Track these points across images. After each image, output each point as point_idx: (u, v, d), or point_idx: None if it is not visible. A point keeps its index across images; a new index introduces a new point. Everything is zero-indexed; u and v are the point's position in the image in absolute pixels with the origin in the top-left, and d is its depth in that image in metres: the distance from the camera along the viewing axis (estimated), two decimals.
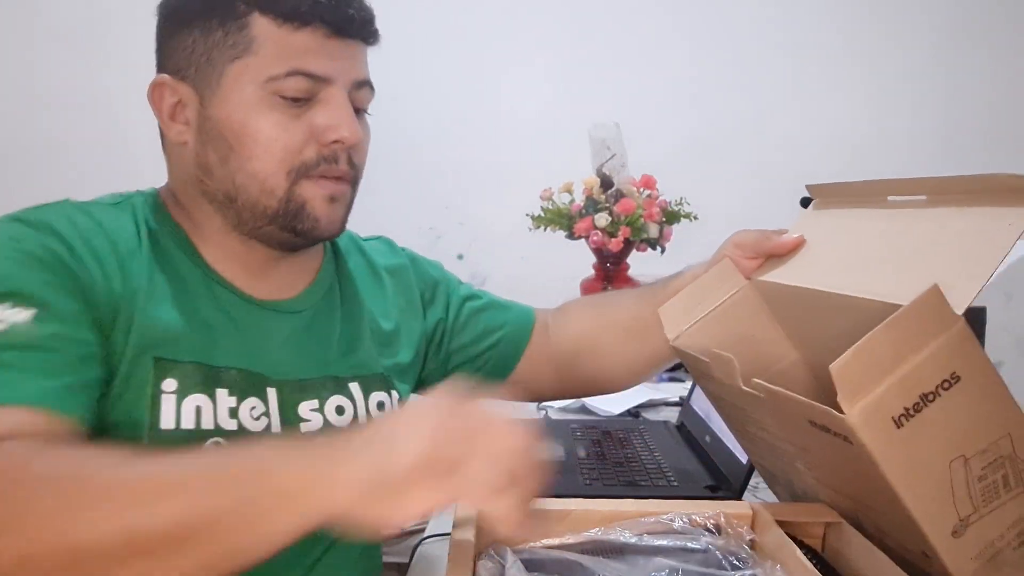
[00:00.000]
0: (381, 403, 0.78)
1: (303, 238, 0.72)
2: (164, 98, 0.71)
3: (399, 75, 1.93)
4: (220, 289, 0.72)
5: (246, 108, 0.68)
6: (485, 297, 0.92)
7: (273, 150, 0.68)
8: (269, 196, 0.69)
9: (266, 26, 0.67)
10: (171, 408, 0.66)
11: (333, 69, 0.69)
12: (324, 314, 0.79)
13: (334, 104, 0.69)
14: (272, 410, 0.71)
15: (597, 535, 0.55)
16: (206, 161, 0.70)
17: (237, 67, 0.68)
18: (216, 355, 0.69)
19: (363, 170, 0.76)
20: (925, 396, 0.49)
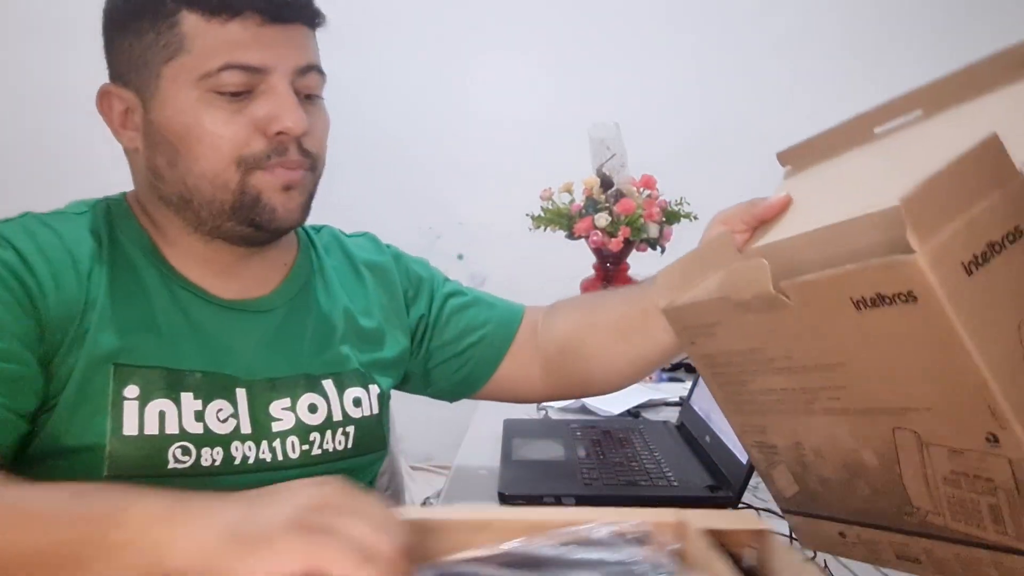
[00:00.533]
0: (357, 399, 0.77)
1: (264, 231, 0.71)
2: (113, 106, 0.70)
3: (399, 75, 1.93)
4: (184, 292, 0.72)
5: (186, 109, 0.66)
6: (470, 295, 0.90)
7: (219, 147, 0.67)
8: (223, 191, 0.68)
9: (195, 22, 0.65)
10: (133, 414, 0.66)
11: (270, 58, 0.67)
12: (297, 311, 0.78)
13: (275, 94, 0.67)
14: (241, 411, 0.70)
15: (516, 547, 0.52)
16: (156, 166, 0.70)
17: (172, 68, 0.66)
18: (179, 359, 0.69)
19: (323, 156, 0.74)
20: (992, 245, 0.44)
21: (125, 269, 0.70)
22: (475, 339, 0.87)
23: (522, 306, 0.92)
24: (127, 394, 0.66)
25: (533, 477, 0.95)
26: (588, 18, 1.92)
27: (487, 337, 0.87)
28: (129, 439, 0.65)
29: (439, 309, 0.88)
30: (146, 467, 0.66)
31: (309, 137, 0.70)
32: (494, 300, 0.91)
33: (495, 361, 0.87)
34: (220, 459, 0.69)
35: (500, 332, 0.88)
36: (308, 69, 0.70)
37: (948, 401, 0.47)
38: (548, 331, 0.88)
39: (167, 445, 0.67)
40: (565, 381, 0.88)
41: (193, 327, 0.71)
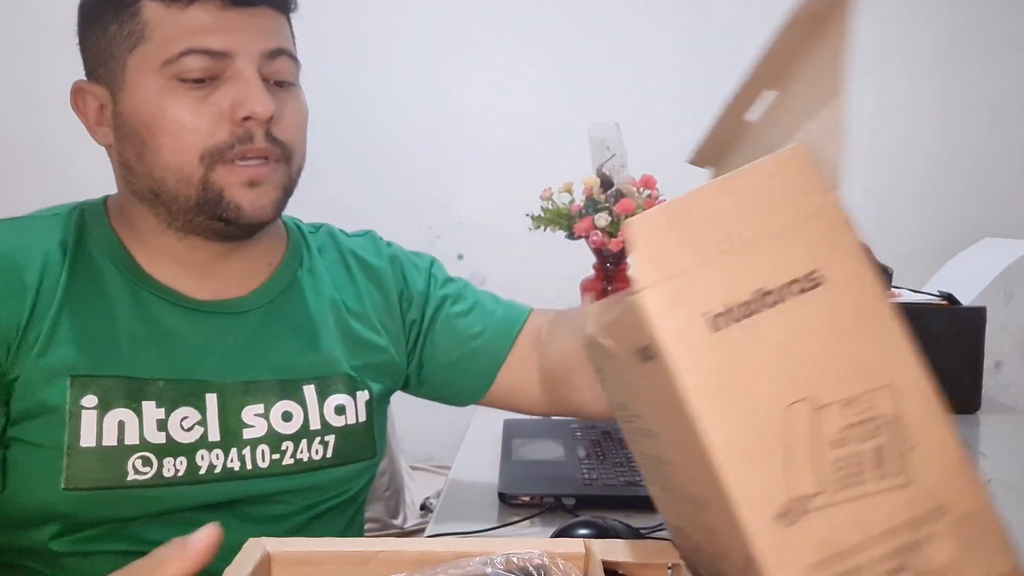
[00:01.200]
0: (341, 407, 0.75)
1: (234, 226, 0.69)
2: (88, 104, 0.70)
3: (399, 74, 1.93)
4: (151, 297, 0.70)
5: (150, 98, 0.65)
6: (470, 300, 0.87)
7: (182, 136, 0.65)
8: (187, 185, 0.66)
9: (155, 9, 0.64)
10: (91, 425, 0.64)
11: (233, 42, 0.65)
12: (278, 313, 0.76)
13: (240, 79, 0.65)
14: (210, 417, 0.69)
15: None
16: (126, 159, 0.69)
17: (136, 57, 0.65)
18: (140, 367, 0.68)
19: (298, 146, 0.71)
20: (764, 295, 0.33)
21: (87, 278, 0.69)
22: (468, 350, 0.84)
23: (525, 312, 0.88)
24: (85, 403, 0.65)
25: (533, 477, 0.95)
26: (588, 18, 1.91)
27: (481, 349, 0.84)
28: (86, 451, 0.64)
29: (432, 316, 0.85)
30: (104, 479, 0.65)
31: (279, 124, 0.68)
32: (495, 306, 0.88)
33: (490, 374, 0.85)
34: (184, 469, 0.67)
35: (495, 344, 0.85)
36: (277, 53, 0.68)
37: (704, 509, 0.36)
38: (546, 351, 0.85)
39: (127, 456, 0.65)
40: (561, 406, 0.85)
41: (158, 333, 0.69)
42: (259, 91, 0.65)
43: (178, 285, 0.72)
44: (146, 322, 0.70)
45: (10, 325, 0.65)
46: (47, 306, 0.66)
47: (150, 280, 0.71)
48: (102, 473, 0.65)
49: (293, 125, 0.71)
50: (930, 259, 1.60)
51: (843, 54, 0.39)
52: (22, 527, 0.67)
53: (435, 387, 0.87)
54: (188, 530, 0.67)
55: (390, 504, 1.50)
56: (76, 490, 0.64)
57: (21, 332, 0.65)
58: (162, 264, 0.72)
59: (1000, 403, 1.32)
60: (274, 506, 0.73)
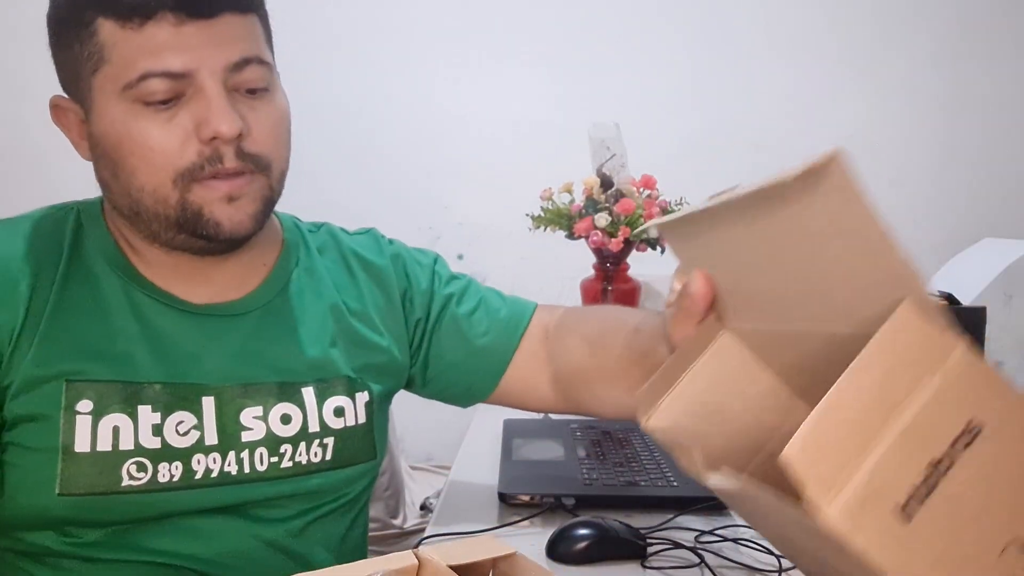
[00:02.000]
0: (340, 409, 0.75)
1: (215, 243, 0.68)
2: (69, 119, 0.68)
3: (399, 75, 1.93)
4: (147, 300, 0.69)
5: (116, 121, 0.63)
6: (475, 298, 0.86)
7: (151, 159, 0.63)
8: (164, 205, 0.65)
9: (111, 29, 0.62)
10: (86, 429, 0.64)
11: (192, 60, 0.62)
12: (275, 315, 0.75)
13: (203, 98, 0.63)
14: (207, 421, 0.68)
15: None
16: (103, 178, 0.68)
17: (99, 79, 0.63)
18: (136, 371, 0.67)
19: (274, 154, 0.68)
20: (936, 464, 0.32)
21: (82, 281, 0.68)
22: (474, 349, 0.83)
23: (530, 309, 0.87)
24: (80, 409, 0.64)
25: (533, 477, 0.95)
26: (588, 19, 1.91)
27: (487, 347, 0.84)
28: (81, 456, 0.64)
29: (438, 315, 0.84)
30: (99, 485, 0.64)
31: (249, 138, 0.66)
32: (500, 303, 0.87)
33: (498, 372, 0.84)
34: (179, 474, 0.66)
35: (502, 342, 0.84)
36: (243, 64, 0.64)
37: None
38: (558, 355, 0.83)
39: (121, 462, 0.65)
40: (573, 406, 0.85)
41: (154, 336, 0.69)
42: (223, 109, 0.62)
43: (173, 289, 0.71)
44: (142, 325, 0.69)
45: (4, 330, 0.64)
46: (41, 310, 0.65)
47: (145, 283, 0.70)
48: (96, 479, 0.64)
49: (267, 134, 0.67)
50: (930, 259, 1.60)
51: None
52: (21, 531, 0.67)
53: (441, 386, 0.86)
54: (186, 535, 0.66)
55: (390, 504, 1.50)
56: (71, 495, 0.64)
57: (16, 337, 0.64)
58: (156, 269, 0.71)
59: None
60: (273, 510, 0.72)
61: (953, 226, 1.86)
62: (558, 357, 0.83)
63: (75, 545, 0.66)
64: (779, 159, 1.69)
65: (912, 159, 1.91)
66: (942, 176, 1.91)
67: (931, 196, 1.91)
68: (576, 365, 0.81)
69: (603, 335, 0.80)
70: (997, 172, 1.91)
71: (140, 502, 0.66)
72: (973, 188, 1.90)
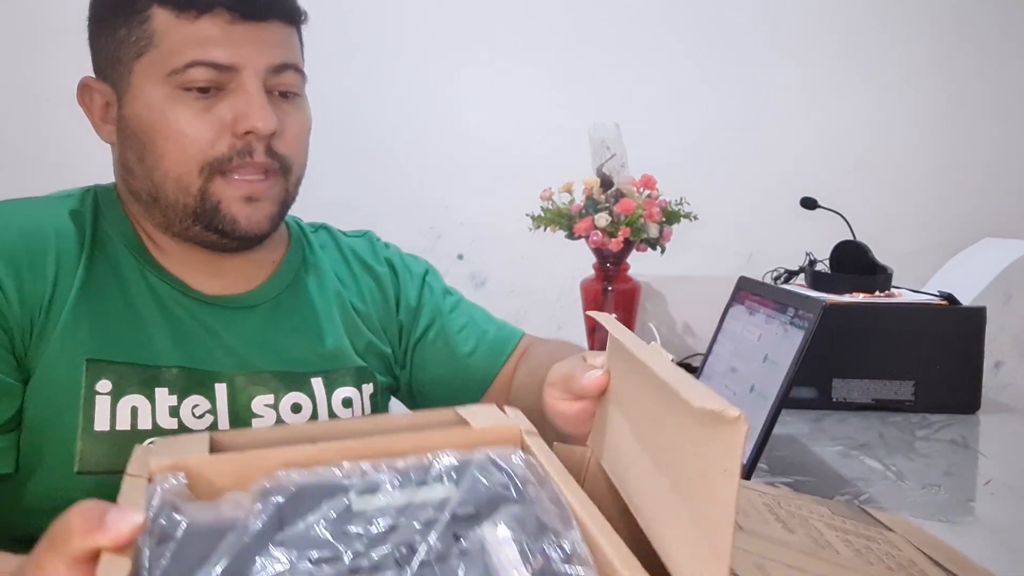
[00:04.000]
0: (348, 399, 0.76)
1: (230, 239, 0.70)
2: (94, 100, 0.70)
3: (399, 75, 1.93)
4: (164, 287, 0.71)
5: (154, 105, 0.66)
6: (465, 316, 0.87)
7: (183, 145, 0.66)
8: (185, 194, 0.67)
9: (165, 18, 0.65)
10: (105, 409, 0.65)
11: (239, 56, 0.65)
12: (284, 307, 0.77)
13: (244, 93, 0.66)
14: (220, 407, 0.70)
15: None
16: (127, 161, 0.69)
17: (142, 64, 0.66)
18: (155, 354, 0.68)
19: (298, 159, 0.72)
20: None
21: (104, 261, 0.69)
22: (459, 366, 0.85)
23: (517, 336, 0.88)
24: (99, 389, 0.65)
25: None
26: (588, 20, 1.91)
27: (472, 366, 0.85)
28: (100, 435, 0.65)
29: (425, 328, 0.86)
30: (117, 464, 0.64)
31: (280, 138, 0.69)
32: (488, 324, 0.88)
33: (479, 390, 0.86)
34: None
35: (486, 363, 0.86)
36: (283, 68, 0.68)
37: None
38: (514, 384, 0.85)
39: (139, 441, 0.65)
40: None
41: (171, 321, 0.70)
42: (262, 106, 0.66)
43: (185, 278, 0.73)
44: (160, 309, 0.70)
45: (35, 303, 0.65)
46: (68, 287, 0.66)
47: (161, 269, 0.72)
48: (115, 457, 0.65)
49: (294, 138, 0.71)
50: (930, 259, 1.60)
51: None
52: (38, 514, 0.67)
53: (424, 398, 0.87)
54: None
55: None
56: (90, 474, 0.65)
57: (45, 311, 0.65)
58: (170, 257, 0.73)
59: (1000, 403, 1.32)
60: None
61: (953, 226, 1.86)
62: (516, 388, 0.85)
63: None
64: (779, 159, 1.70)
65: (913, 159, 1.91)
66: (942, 176, 1.91)
67: (931, 196, 1.91)
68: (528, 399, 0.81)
69: (532, 377, 0.80)
70: (997, 172, 1.91)
71: None
72: (973, 188, 1.90)
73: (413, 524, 0.35)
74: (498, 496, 0.38)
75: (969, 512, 0.83)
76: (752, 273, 1.17)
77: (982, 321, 1.24)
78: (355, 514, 0.36)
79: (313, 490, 0.37)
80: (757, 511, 0.46)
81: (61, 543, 0.34)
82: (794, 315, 0.84)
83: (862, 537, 0.47)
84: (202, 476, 0.41)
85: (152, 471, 0.41)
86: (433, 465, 0.39)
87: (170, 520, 0.35)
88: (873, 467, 0.97)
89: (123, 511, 0.34)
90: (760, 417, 0.79)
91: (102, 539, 0.33)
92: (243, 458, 0.41)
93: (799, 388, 1.24)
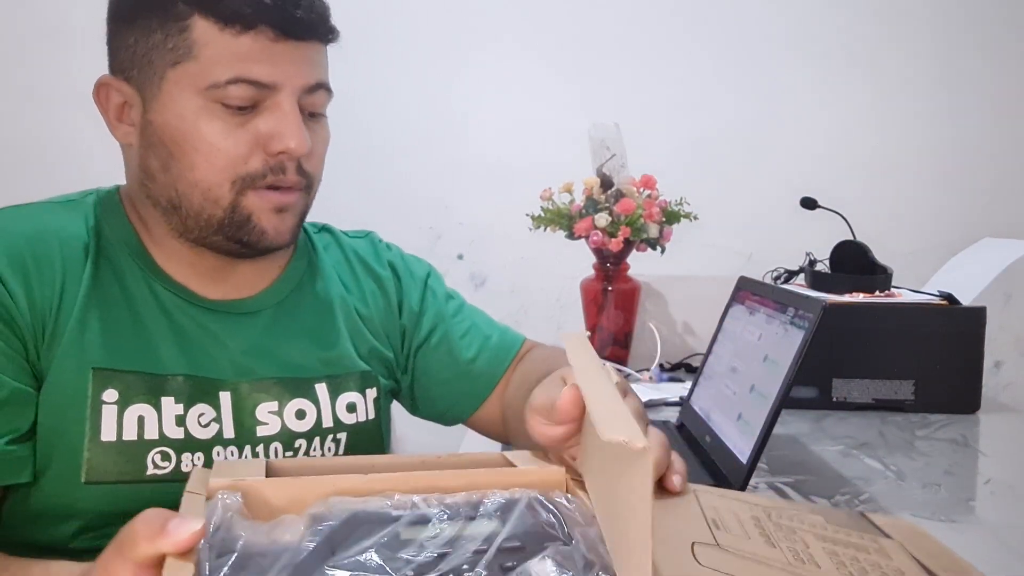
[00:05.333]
0: (352, 405, 0.76)
1: (250, 249, 0.70)
2: (110, 98, 0.69)
3: (399, 74, 1.93)
4: (167, 294, 0.70)
5: (187, 116, 0.64)
6: (466, 320, 0.87)
7: (215, 160, 0.65)
8: (214, 206, 0.67)
9: (207, 29, 0.63)
10: (112, 419, 0.65)
11: (280, 75, 0.65)
12: (288, 312, 0.76)
13: (281, 112, 0.65)
14: (224, 415, 0.69)
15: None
16: (148, 166, 0.68)
17: (178, 72, 0.64)
18: (160, 363, 0.68)
19: (319, 175, 0.73)
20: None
21: (108, 268, 0.69)
22: (462, 372, 0.85)
23: (519, 341, 0.88)
24: (106, 398, 0.65)
25: None
26: (588, 19, 1.91)
27: (475, 372, 0.85)
28: (107, 445, 0.64)
29: (428, 332, 0.85)
30: (124, 473, 0.65)
31: (308, 158, 0.69)
32: (490, 330, 0.88)
33: (481, 396, 0.86)
34: (201, 464, 0.68)
35: (488, 369, 0.86)
36: (317, 87, 0.68)
37: None
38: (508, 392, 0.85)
39: (146, 451, 0.65)
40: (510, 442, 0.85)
41: (176, 329, 0.70)
42: (298, 127, 0.65)
43: (188, 284, 0.72)
44: (164, 316, 0.70)
45: (44, 309, 0.64)
46: (74, 293, 0.66)
47: (163, 275, 0.71)
48: (122, 467, 0.65)
49: (319, 156, 0.72)
50: (930, 259, 1.60)
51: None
52: (45, 523, 0.67)
53: (425, 403, 0.87)
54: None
55: None
56: (97, 484, 0.64)
57: (54, 317, 0.65)
58: (174, 264, 0.72)
59: (1000, 403, 1.32)
60: None
61: (953, 226, 1.86)
62: (507, 396, 0.85)
63: (94, 540, 0.66)
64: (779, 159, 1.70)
65: (913, 159, 1.91)
66: (943, 176, 1.91)
67: (931, 196, 1.91)
68: (512, 408, 0.82)
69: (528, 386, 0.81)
70: (998, 172, 1.91)
71: (164, 491, 0.66)
72: (973, 188, 1.90)
73: (462, 554, 0.37)
74: (545, 534, 0.40)
75: (969, 512, 0.83)
76: (752, 273, 1.17)
77: (982, 321, 1.24)
78: (405, 542, 0.38)
79: (365, 517, 0.39)
80: (741, 525, 0.47)
81: (128, 548, 0.37)
82: (794, 315, 0.84)
83: (851, 547, 0.47)
84: (258, 497, 0.43)
85: (211, 489, 0.43)
86: (482, 502, 0.42)
87: (229, 535, 0.37)
88: (873, 467, 0.97)
89: (184, 519, 0.37)
90: (760, 417, 0.79)
91: (165, 544, 0.35)
92: (297, 483, 0.43)
93: (799, 388, 1.24)
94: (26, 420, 0.64)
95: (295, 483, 0.43)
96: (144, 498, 0.66)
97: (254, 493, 0.43)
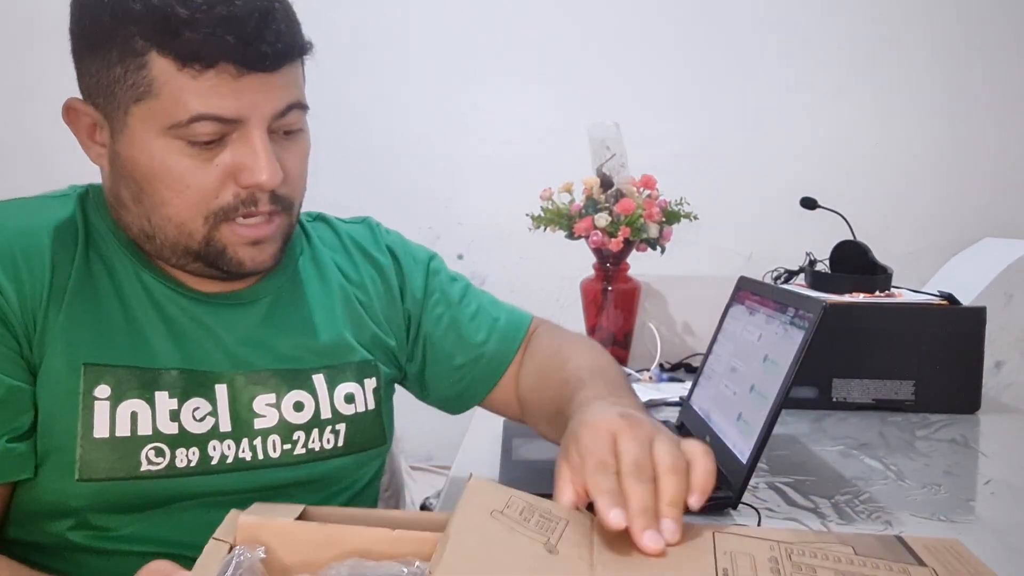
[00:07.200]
0: (350, 395, 0.76)
1: (230, 275, 0.69)
2: (80, 120, 0.67)
3: (398, 75, 1.93)
4: (158, 285, 0.70)
5: (154, 154, 0.63)
6: (474, 303, 0.86)
7: (186, 196, 0.64)
8: (188, 239, 0.66)
9: (166, 68, 0.60)
10: (104, 415, 0.64)
11: (246, 108, 0.62)
12: (284, 303, 0.76)
13: (249, 147, 0.63)
14: (221, 408, 0.69)
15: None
16: (120, 195, 0.67)
17: (141, 109, 0.62)
18: (153, 356, 0.67)
19: (299, 193, 0.71)
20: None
21: (97, 261, 0.68)
22: (473, 356, 0.84)
23: (527, 320, 0.88)
24: (98, 394, 0.64)
25: (533, 477, 0.95)
26: (589, 20, 1.92)
27: (487, 354, 0.84)
28: (100, 441, 0.64)
29: (436, 318, 0.84)
30: (118, 470, 0.64)
31: (283, 183, 0.66)
32: (498, 311, 0.87)
33: (494, 378, 0.85)
34: (196, 459, 0.67)
35: (500, 351, 0.85)
36: (288, 110, 0.66)
37: None
38: (521, 372, 0.85)
39: (140, 447, 0.65)
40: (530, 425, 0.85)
41: (168, 322, 0.69)
42: (267, 161, 0.63)
43: (181, 278, 0.72)
44: (156, 310, 0.69)
45: (34, 304, 0.64)
46: (63, 287, 0.65)
47: (156, 269, 0.71)
48: (116, 464, 0.64)
49: (296, 175, 0.69)
50: (930, 259, 1.60)
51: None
52: (40, 520, 0.67)
53: (434, 389, 0.86)
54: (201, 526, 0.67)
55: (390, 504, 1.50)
56: (90, 481, 0.64)
57: (43, 312, 0.64)
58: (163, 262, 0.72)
59: (1000, 403, 1.32)
60: (285, 496, 0.72)
61: (953, 226, 1.86)
62: (522, 382, 0.85)
63: (90, 537, 0.66)
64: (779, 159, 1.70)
65: (913, 159, 1.91)
66: (943, 176, 1.91)
67: (932, 196, 1.91)
68: (527, 392, 0.83)
69: (541, 373, 0.81)
70: (998, 172, 1.91)
71: (158, 487, 0.66)
72: (974, 188, 1.90)
73: None
74: None
75: (969, 512, 0.83)
76: (752, 273, 1.17)
77: (982, 321, 1.24)
78: None
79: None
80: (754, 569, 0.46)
81: None
82: (794, 315, 0.84)
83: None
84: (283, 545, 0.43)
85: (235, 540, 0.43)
86: None
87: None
88: (873, 467, 0.97)
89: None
90: (760, 417, 0.79)
91: None
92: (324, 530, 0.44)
93: (799, 388, 1.24)
94: (26, 418, 0.63)
95: (321, 531, 0.44)
96: (138, 494, 0.66)
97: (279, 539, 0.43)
